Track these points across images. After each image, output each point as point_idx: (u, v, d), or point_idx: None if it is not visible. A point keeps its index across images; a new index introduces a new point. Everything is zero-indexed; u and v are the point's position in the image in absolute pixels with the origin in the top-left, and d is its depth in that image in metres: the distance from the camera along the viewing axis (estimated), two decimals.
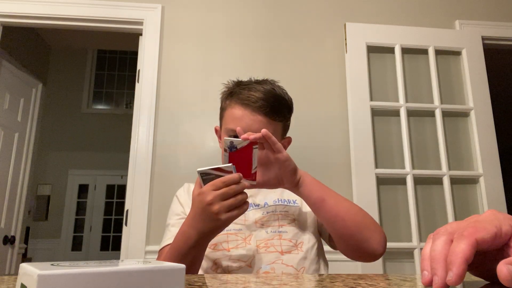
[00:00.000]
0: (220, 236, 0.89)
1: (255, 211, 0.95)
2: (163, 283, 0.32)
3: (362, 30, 2.02)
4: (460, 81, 2.07)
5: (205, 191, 0.70)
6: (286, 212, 0.95)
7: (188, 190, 1.03)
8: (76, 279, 0.28)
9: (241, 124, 0.92)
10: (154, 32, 1.99)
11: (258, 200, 0.98)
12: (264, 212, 0.95)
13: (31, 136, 2.91)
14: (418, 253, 1.78)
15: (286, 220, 0.93)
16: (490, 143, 1.97)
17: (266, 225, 0.92)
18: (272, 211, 0.95)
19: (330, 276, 0.50)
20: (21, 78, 2.82)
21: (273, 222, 0.92)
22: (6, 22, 2.06)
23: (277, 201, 0.98)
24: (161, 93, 1.94)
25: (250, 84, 0.98)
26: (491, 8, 2.24)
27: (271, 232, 0.91)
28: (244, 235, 0.90)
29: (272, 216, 0.94)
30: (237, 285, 0.41)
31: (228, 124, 0.96)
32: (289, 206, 0.96)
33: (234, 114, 0.94)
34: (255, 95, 0.93)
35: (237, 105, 0.94)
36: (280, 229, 0.91)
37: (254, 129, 0.91)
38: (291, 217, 0.94)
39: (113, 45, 4.00)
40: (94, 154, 5.77)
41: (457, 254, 0.34)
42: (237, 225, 0.92)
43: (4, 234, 2.57)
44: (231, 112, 0.95)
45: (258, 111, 0.92)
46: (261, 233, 0.90)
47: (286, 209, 0.96)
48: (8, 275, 0.51)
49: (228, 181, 0.70)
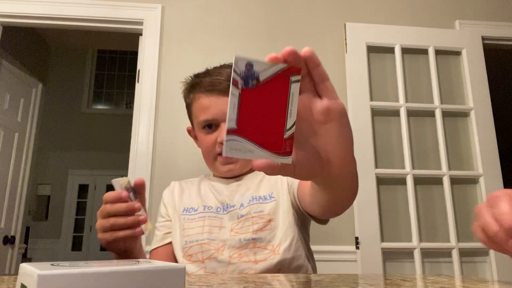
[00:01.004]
0: (195, 247, 0.86)
1: (230, 215, 0.88)
2: (163, 283, 0.32)
3: (362, 30, 2.02)
4: (460, 81, 2.07)
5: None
6: (261, 212, 0.86)
7: (173, 190, 1.01)
8: (76, 279, 0.28)
9: (212, 111, 0.87)
10: (154, 32, 1.99)
11: (235, 201, 0.90)
12: (239, 215, 0.87)
13: (31, 136, 2.91)
14: (418, 253, 1.78)
15: (261, 223, 0.85)
16: (490, 143, 1.97)
17: (240, 232, 0.85)
18: (246, 214, 0.87)
19: (330, 276, 0.50)
20: (21, 78, 2.81)
21: (247, 228, 0.85)
22: (6, 22, 2.06)
23: (252, 199, 0.89)
24: (161, 93, 1.94)
25: (209, 71, 0.94)
26: (491, 8, 2.24)
27: (245, 240, 0.84)
28: (217, 245, 0.85)
29: (246, 222, 0.85)
30: (237, 285, 0.41)
31: (198, 118, 0.91)
32: (265, 204, 0.87)
33: (201, 105, 0.90)
34: (218, 78, 0.89)
35: (202, 94, 0.90)
36: (254, 235, 0.84)
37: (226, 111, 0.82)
38: (266, 217, 0.86)
39: (113, 45, 4.00)
40: (94, 154, 5.77)
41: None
42: (212, 234, 0.86)
43: (4, 234, 2.57)
44: (198, 104, 0.91)
45: (225, 92, 0.87)
46: (234, 242, 0.84)
47: (261, 208, 0.87)
48: (8, 275, 0.51)
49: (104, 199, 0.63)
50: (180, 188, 1.01)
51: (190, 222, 0.91)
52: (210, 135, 0.91)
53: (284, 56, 0.34)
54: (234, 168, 0.93)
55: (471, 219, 1.90)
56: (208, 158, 0.94)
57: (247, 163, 0.95)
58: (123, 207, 0.62)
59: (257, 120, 0.35)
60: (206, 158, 0.95)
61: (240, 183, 0.95)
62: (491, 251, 1.82)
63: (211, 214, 0.90)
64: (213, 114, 0.88)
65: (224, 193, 0.94)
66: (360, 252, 1.74)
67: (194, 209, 0.93)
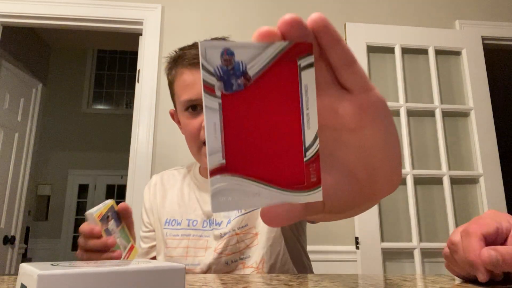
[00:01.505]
0: None
1: (214, 232, 0.78)
2: (163, 283, 0.32)
3: (362, 30, 2.02)
4: (460, 81, 2.07)
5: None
6: (245, 227, 0.76)
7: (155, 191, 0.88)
8: (76, 279, 0.28)
9: (196, 90, 0.73)
10: (154, 32, 1.99)
11: (222, 216, 0.79)
12: (223, 233, 0.76)
13: (31, 136, 2.91)
14: (418, 253, 1.78)
15: (247, 239, 0.75)
16: (490, 143, 1.97)
17: (226, 253, 0.75)
18: (229, 232, 0.76)
19: (330, 276, 0.50)
20: (21, 78, 2.81)
21: (233, 247, 0.75)
22: (6, 22, 2.06)
23: (237, 212, 0.78)
24: (161, 93, 1.94)
25: (196, 43, 0.79)
26: (491, 8, 2.24)
27: (232, 262, 0.75)
28: (202, 269, 0.76)
29: (231, 240, 0.75)
30: (237, 285, 0.41)
31: (181, 96, 0.76)
32: (248, 214, 0.77)
33: (184, 81, 0.75)
34: None
35: (185, 69, 0.76)
36: (241, 255, 0.75)
37: None
38: (252, 231, 0.76)
39: (113, 45, 4.00)
40: (94, 154, 5.77)
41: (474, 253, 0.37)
42: (196, 258, 0.77)
43: (4, 234, 2.57)
44: (180, 81, 0.76)
45: None
46: (220, 266, 0.75)
47: (244, 221, 0.76)
48: (8, 275, 0.51)
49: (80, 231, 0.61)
50: (162, 189, 0.89)
51: (173, 240, 0.81)
52: (194, 119, 0.76)
53: (282, 29, 0.21)
54: None
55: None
56: (192, 147, 0.80)
57: None
58: (97, 244, 0.60)
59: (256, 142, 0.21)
60: (190, 146, 0.81)
61: None
62: None
63: (196, 232, 0.80)
64: (197, 93, 0.73)
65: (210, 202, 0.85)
66: (360, 252, 1.74)
67: (177, 222, 0.83)
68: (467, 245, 0.38)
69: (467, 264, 0.38)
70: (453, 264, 0.43)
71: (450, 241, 0.42)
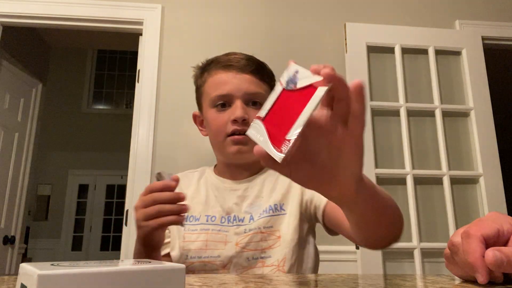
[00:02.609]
0: (197, 264, 0.80)
1: (237, 228, 0.81)
2: (163, 283, 0.32)
3: (362, 30, 2.02)
4: (460, 81, 2.07)
5: (140, 195, 0.67)
6: (271, 228, 0.80)
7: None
8: (76, 279, 0.28)
9: (228, 87, 0.82)
10: (154, 32, 1.99)
11: (243, 210, 0.83)
12: (247, 229, 0.80)
13: (31, 136, 2.91)
14: (418, 253, 1.78)
15: (270, 240, 0.79)
16: (490, 143, 1.97)
17: (247, 248, 0.79)
18: (254, 229, 0.80)
19: (330, 276, 0.50)
20: (21, 78, 2.81)
21: (256, 245, 0.79)
22: (6, 22, 2.06)
23: (263, 212, 0.82)
24: (161, 93, 1.94)
25: (227, 53, 0.90)
26: (491, 8, 2.24)
27: (253, 259, 0.78)
28: (222, 263, 0.78)
29: (255, 237, 0.79)
30: (237, 285, 0.41)
31: (212, 93, 0.84)
32: (276, 216, 0.81)
33: (217, 80, 0.84)
34: (236, 57, 0.86)
35: (219, 70, 0.85)
36: (262, 254, 0.78)
37: (245, 87, 0.82)
38: (276, 234, 0.80)
39: (113, 45, 4.00)
40: (94, 154, 5.77)
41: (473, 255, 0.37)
42: (216, 251, 0.79)
43: (4, 234, 2.57)
44: (213, 80, 0.85)
45: (244, 70, 0.84)
46: (241, 260, 0.78)
47: (271, 222, 0.80)
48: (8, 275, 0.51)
49: (151, 188, 0.65)
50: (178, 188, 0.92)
51: (191, 234, 0.83)
52: (223, 113, 0.84)
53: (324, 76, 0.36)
54: (244, 149, 0.82)
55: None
56: (218, 138, 0.86)
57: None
58: (172, 196, 0.64)
59: (280, 117, 0.39)
60: (215, 138, 0.87)
61: (248, 186, 0.87)
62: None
63: (215, 227, 0.83)
64: (228, 89, 0.82)
65: (230, 200, 0.86)
66: (360, 252, 1.74)
67: (196, 218, 0.85)
68: (467, 247, 0.38)
69: (467, 266, 0.38)
70: (453, 265, 0.43)
71: (450, 242, 0.42)
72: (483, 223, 0.40)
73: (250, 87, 0.83)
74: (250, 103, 0.84)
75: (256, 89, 0.84)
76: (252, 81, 0.84)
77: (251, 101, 0.84)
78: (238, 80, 0.83)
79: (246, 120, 0.81)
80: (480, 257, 0.37)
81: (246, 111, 0.82)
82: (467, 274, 0.41)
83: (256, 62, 0.87)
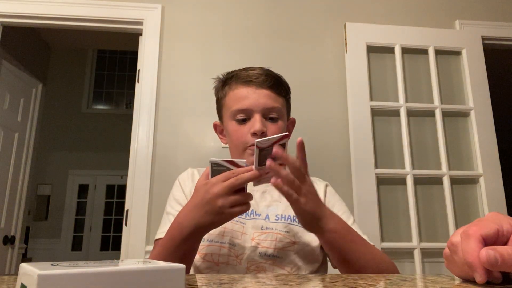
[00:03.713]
0: (213, 247, 0.83)
1: (253, 222, 0.86)
2: (163, 283, 0.32)
3: (362, 30, 2.02)
4: (460, 81, 2.07)
5: (214, 181, 0.66)
6: (286, 233, 0.85)
7: (193, 177, 0.96)
8: (76, 279, 0.28)
9: (248, 101, 0.88)
10: (154, 32, 1.99)
11: (260, 209, 0.89)
12: (264, 227, 0.85)
13: (31, 136, 2.91)
14: (418, 253, 1.78)
15: (284, 243, 0.83)
16: (490, 143, 1.97)
17: (262, 245, 0.83)
18: (271, 229, 0.85)
19: (330, 276, 0.50)
20: (21, 78, 2.81)
21: (270, 243, 0.83)
22: (6, 22, 2.06)
23: (280, 217, 0.87)
24: (161, 93, 1.94)
25: (245, 68, 0.95)
26: (491, 8, 2.24)
27: (266, 255, 0.82)
28: (237, 252, 0.83)
29: (270, 236, 0.84)
30: (237, 285, 0.41)
31: (233, 107, 0.91)
32: (292, 225, 0.86)
33: (238, 94, 0.90)
34: (255, 72, 0.91)
35: (239, 85, 0.91)
36: (275, 253, 0.82)
37: (263, 103, 0.88)
38: (290, 239, 0.84)
39: (113, 45, 3.99)
40: (94, 154, 5.77)
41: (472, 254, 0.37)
42: (233, 239, 0.84)
43: (4, 234, 2.57)
44: (234, 94, 0.91)
45: (262, 85, 0.89)
46: (254, 254, 0.82)
47: (287, 229, 0.85)
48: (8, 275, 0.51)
49: (238, 173, 0.65)
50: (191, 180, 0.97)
51: None
52: (243, 126, 0.90)
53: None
54: None
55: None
56: (238, 149, 0.92)
57: None
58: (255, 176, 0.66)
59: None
60: (235, 149, 0.93)
61: (265, 189, 0.92)
62: None
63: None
64: (248, 104, 0.88)
65: None
66: None
67: None
68: (466, 247, 0.38)
69: (466, 266, 0.38)
70: (453, 265, 0.43)
71: (450, 242, 0.42)
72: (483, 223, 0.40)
73: (268, 102, 0.89)
74: (267, 117, 0.90)
75: (273, 104, 0.90)
76: (270, 96, 0.89)
77: (269, 115, 0.90)
78: (257, 95, 0.89)
79: (265, 133, 0.87)
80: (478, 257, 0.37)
81: (265, 124, 0.88)
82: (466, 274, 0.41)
83: (273, 77, 0.92)
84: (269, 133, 0.88)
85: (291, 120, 1.00)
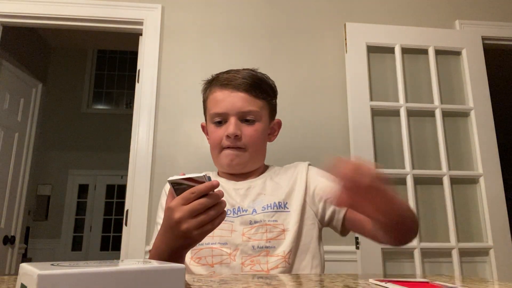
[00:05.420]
0: (205, 250, 0.84)
1: (241, 219, 0.88)
2: (163, 283, 0.32)
3: (362, 30, 2.02)
4: (460, 81, 2.07)
5: (174, 206, 0.62)
6: (275, 222, 0.87)
7: None
8: (76, 279, 0.28)
9: (224, 104, 0.91)
10: (154, 32, 1.99)
11: (246, 205, 0.91)
12: (252, 221, 0.87)
13: (31, 136, 2.91)
14: (418, 253, 1.78)
15: (275, 232, 0.86)
16: (490, 143, 1.97)
17: (253, 238, 0.85)
18: (260, 221, 0.87)
19: (330, 276, 0.50)
20: (21, 78, 2.81)
21: (261, 236, 0.85)
22: (6, 22, 2.06)
23: (266, 207, 0.89)
24: (161, 93, 1.94)
25: (229, 70, 0.98)
26: (491, 8, 2.24)
27: (258, 248, 0.84)
28: (229, 250, 0.84)
29: (260, 228, 0.86)
30: (237, 285, 0.41)
31: (211, 110, 0.95)
32: (279, 212, 0.88)
33: (216, 98, 0.93)
34: (234, 75, 0.93)
35: (217, 89, 0.94)
36: (267, 243, 0.84)
37: (238, 106, 0.89)
38: (280, 227, 0.86)
39: (113, 45, 3.99)
40: (94, 154, 5.77)
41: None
42: (223, 238, 0.85)
43: (4, 234, 2.57)
44: (212, 97, 0.95)
45: (238, 88, 0.91)
46: (247, 248, 0.84)
47: (275, 217, 0.88)
48: (8, 275, 0.51)
49: (197, 192, 0.61)
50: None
51: None
52: (219, 128, 0.94)
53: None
54: (235, 162, 0.92)
55: (471, 219, 1.90)
56: (215, 151, 0.96)
57: (251, 160, 0.94)
58: (219, 196, 0.63)
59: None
60: (213, 150, 0.97)
61: (250, 185, 0.94)
62: (491, 251, 1.82)
63: None
64: (223, 107, 0.91)
65: (234, 197, 0.92)
66: (360, 252, 1.74)
67: None
68: None
69: None
70: None
71: None
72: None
73: (243, 105, 0.90)
74: (243, 120, 0.92)
75: (249, 107, 0.91)
76: (245, 99, 0.91)
77: (245, 118, 0.92)
78: (232, 99, 0.91)
79: (239, 136, 0.89)
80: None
81: (240, 127, 0.90)
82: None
83: (252, 80, 0.93)
84: (244, 136, 0.90)
85: (276, 121, 1.01)
